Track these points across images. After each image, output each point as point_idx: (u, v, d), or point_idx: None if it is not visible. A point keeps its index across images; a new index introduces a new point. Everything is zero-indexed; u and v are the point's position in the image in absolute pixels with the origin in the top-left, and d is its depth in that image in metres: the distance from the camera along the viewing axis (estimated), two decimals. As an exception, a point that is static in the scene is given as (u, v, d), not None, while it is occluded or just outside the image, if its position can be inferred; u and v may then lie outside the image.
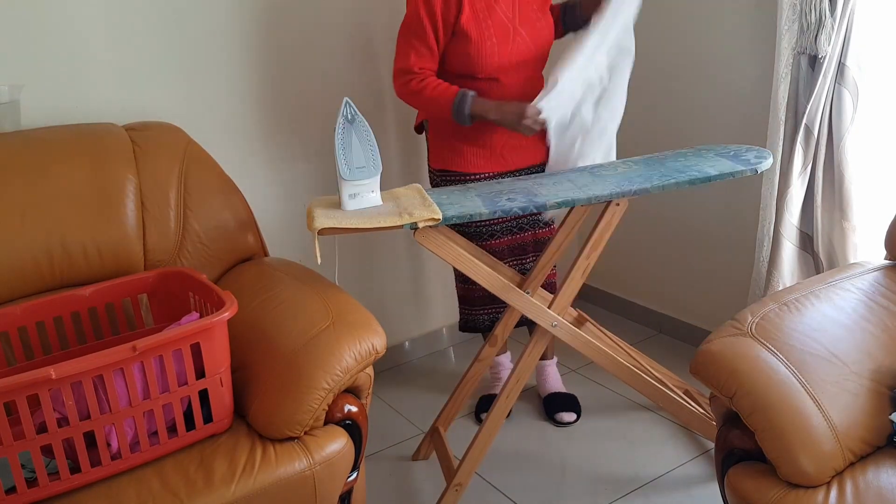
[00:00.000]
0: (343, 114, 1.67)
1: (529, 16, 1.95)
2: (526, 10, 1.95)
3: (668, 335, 2.81)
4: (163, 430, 1.45)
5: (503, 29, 1.92)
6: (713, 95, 2.43)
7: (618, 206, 1.77)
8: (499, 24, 1.92)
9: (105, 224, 1.75)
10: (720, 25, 2.36)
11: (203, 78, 2.12)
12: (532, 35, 1.95)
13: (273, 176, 2.31)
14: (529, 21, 1.95)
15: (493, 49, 1.91)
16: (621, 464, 2.13)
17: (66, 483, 1.36)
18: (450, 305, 2.82)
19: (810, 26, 1.94)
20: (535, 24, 1.96)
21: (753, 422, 1.33)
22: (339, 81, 2.34)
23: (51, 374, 1.26)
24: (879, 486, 1.27)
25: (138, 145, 1.84)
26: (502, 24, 1.92)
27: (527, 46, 1.95)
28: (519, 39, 1.93)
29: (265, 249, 2.00)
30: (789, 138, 2.06)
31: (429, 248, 1.70)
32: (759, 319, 1.46)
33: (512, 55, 1.94)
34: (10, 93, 1.80)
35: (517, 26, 1.93)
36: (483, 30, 1.91)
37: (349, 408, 1.56)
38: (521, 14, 1.94)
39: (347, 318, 1.58)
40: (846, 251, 2.06)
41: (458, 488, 1.89)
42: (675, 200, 2.63)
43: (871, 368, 1.41)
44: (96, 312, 1.69)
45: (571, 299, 1.88)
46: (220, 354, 1.49)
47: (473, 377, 2.13)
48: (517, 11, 1.94)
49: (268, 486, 1.43)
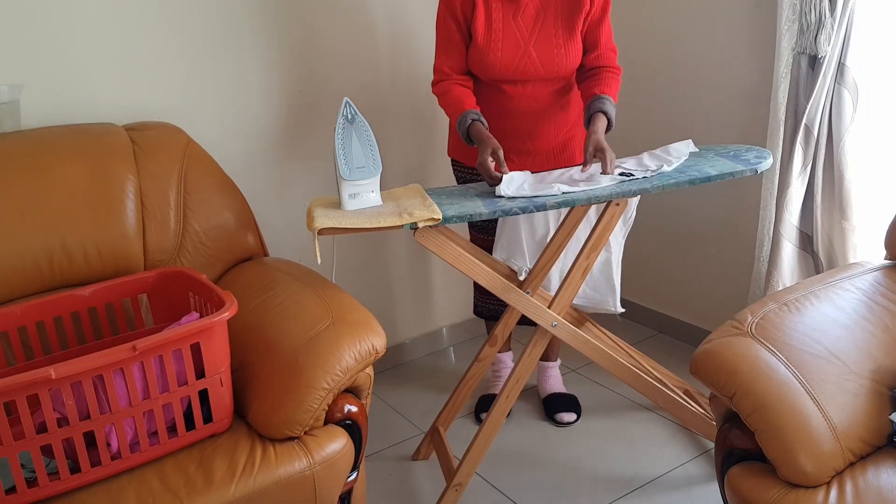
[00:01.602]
0: (343, 114, 1.67)
1: (548, 41, 1.92)
2: (546, 34, 1.92)
3: (668, 335, 2.81)
4: (163, 430, 1.45)
5: (514, 45, 1.91)
6: (713, 95, 2.43)
7: (618, 205, 1.77)
8: (511, 39, 1.91)
9: (105, 224, 1.75)
10: (720, 25, 2.36)
11: (203, 78, 2.12)
12: (543, 59, 1.92)
13: (273, 176, 2.31)
14: (545, 46, 1.92)
15: (496, 62, 1.92)
16: (621, 464, 2.13)
17: (66, 483, 1.36)
18: (450, 305, 2.83)
19: (810, 26, 1.94)
20: (553, 49, 1.92)
21: (753, 422, 1.33)
22: (339, 81, 2.34)
23: (51, 374, 1.26)
24: (879, 486, 1.27)
25: (138, 145, 1.84)
26: (514, 41, 1.91)
27: (535, 68, 1.93)
28: (528, 60, 1.92)
29: (265, 249, 2.00)
30: (789, 138, 2.06)
31: (429, 248, 1.69)
32: (759, 319, 1.46)
33: (517, 72, 1.94)
34: (10, 93, 1.79)
35: (530, 47, 1.91)
36: (492, 41, 1.91)
37: (349, 408, 1.56)
38: (538, 36, 1.92)
39: (347, 318, 1.58)
40: (846, 251, 2.06)
41: (458, 488, 1.89)
42: (675, 200, 2.63)
43: (871, 368, 1.41)
44: (96, 312, 1.69)
45: (571, 299, 1.88)
46: (220, 354, 1.49)
47: (473, 377, 2.13)
48: (535, 33, 1.92)
49: (268, 486, 1.43)
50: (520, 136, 2.03)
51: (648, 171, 1.78)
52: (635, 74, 2.65)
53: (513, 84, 1.97)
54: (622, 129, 2.56)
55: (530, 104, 1.99)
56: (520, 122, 2.01)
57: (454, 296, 2.82)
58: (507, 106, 1.99)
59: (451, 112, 1.96)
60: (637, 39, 2.62)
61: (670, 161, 1.82)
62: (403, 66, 2.45)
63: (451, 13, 1.94)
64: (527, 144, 2.04)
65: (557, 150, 2.07)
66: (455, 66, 1.98)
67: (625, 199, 1.75)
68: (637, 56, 2.62)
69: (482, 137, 1.85)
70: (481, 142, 1.85)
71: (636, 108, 2.67)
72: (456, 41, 1.95)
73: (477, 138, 1.87)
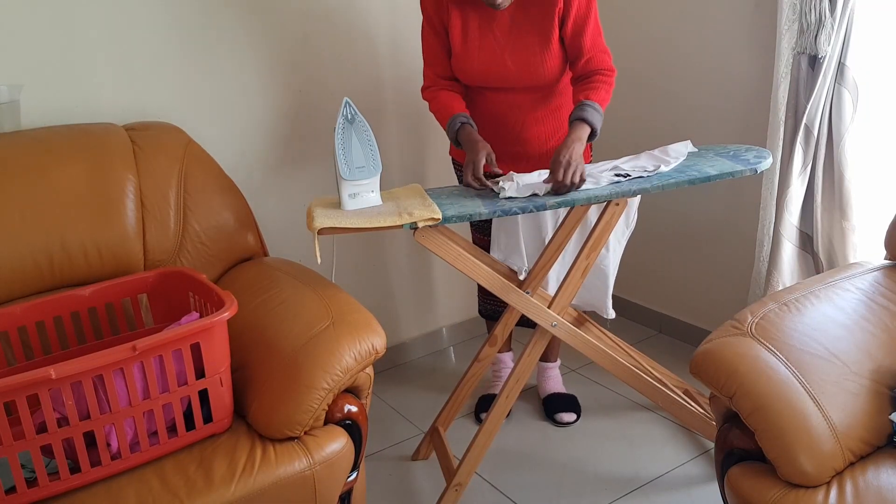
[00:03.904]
0: (343, 114, 1.67)
1: (524, 50, 1.90)
2: (521, 43, 1.90)
3: (668, 335, 2.81)
4: (163, 430, 1.45)
5: (490, 54, 1.92)
6: (713, 95, 2.43)
7: (617, 205, 1.77)
8: (487, 48, 1.91)
9: (105, 224, 1.75)
10: (720, 25, 2.36)
11: (203, 78, 2.12)
12: (519, 67, 1.91)
13: (273, 176, 2.31)
14: (521, 55, 1.91)
15: (471, 67, 1.93)
16: (621, 464, 2.13)
17: (66, 483, 1.36)
18: (450, 305, 2.83)
19: (810, 26, 1.94)
20: (529, 58, 1.90)
21: (753, 422, 1.33)
22: (339, 81, 2.35)
23: (51, 374, 1.26)
24: (879, 486, 1.27)
25: (138, 145, 1.84)
26: (490, 49, 1.91)
27: (512, 76, 1.93)
28: (504, 69, 1.92)
29: (265, 249, 2.00)
30: (789, 138, 2.06)
31: (429, 247, 1.70)
32: (759, 319, 1.46)
33: (496, 80, 1.94)
34: (10, 93, 1.80)
35: (505, 56, 1.91)
36: (467, 49, 1.92)
37: (349, 408, 1.56)
38: (512, 45, 1.90)
39: (347, 318, 1.58)
40: (846, 251, 2.06)
41: (457, 488, 1.89)
42: (675, 200, 2.63)
43: (871, 368, 1.41)
44: (96, 312, 1.69)
45: (571, 299, 1.88)
46: (219, 354, 1.49)
47: (473, 377, 2.13)
48: (510, 43, 1.90)
49: (268, 486, 1.43)
50: (508, 141, 2.02)
51: (645, 172, 1.78)
52: (635, 74, 2.65)
53: (494, 91, 1.98)
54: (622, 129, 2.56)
55: (514, 111, 1.99)
56: (507, 127, 2.01)
57: (454, 296, 2.82)
58: (492, 111, 2.00)
59: (441, 116, 1.96)
60: (637, 40, 2.62)
61: (668, 162, 1.82)
62: (403, 65, 2.45)
63: (429, 22, 1.95)
64: (515, 148, 2.04)
65: (548, 155, 2.06)
66: (440, 73, 1.99)
67: (624, 199, 1.75)
68: (637, 56, 2.62)
69: (472, 139, 1.85)
70: (472, 144, 1.84)
71: (636, 109, 2.67)
72: (436, 49, 1.97)
73: (467, 141, 1.87)
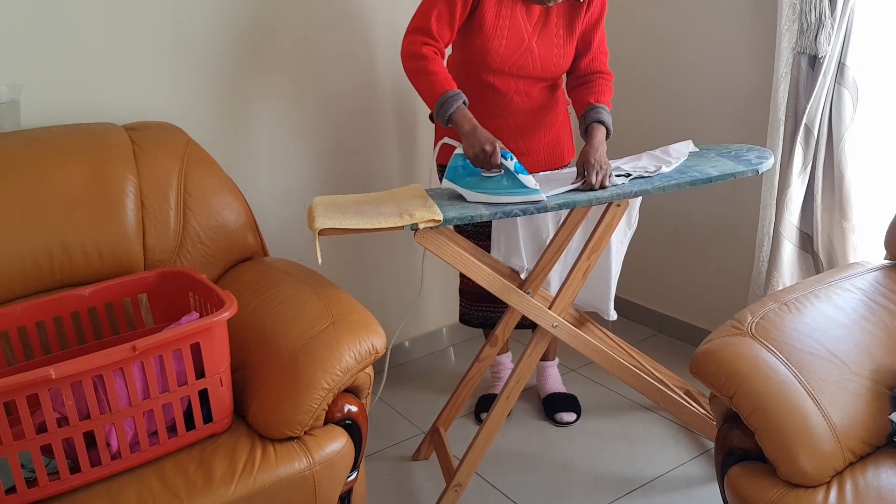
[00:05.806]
0: None
1: (549, 40, 1.91)
2: (548, 33, 1.91)
3: (668, 335, 2.81)
4: (163, 430, 1.45)
5: (518, 37, 1.89)
6: (713, 95, 2.43)
7: (618, 206, 1.77)
8: (516, 32, 1.89)
9: (105, 224, 1.75)
10: (720, 25, 2.36)
11: (203, 78, 2.12)
12: (543, 56, 1.91)
13: (273, 176, 2.31)
14: (547, 44, 1.91)
15: (498, 50, 1.89)
16: (621, 464, 2.13)
17: (66, 483, 1.36)
18: (450, 305, 2.82)
19: (810, 26, 1.94)
20: (553, 49, 1.91)
21: (753, 422, 1.33)
22: (338, 82, 2.34)
23: (51, 373, 1.26)
24: (879, 486, 1.27)
25: (138, 145, 1.84)
26: (518, 34, 1.89)
27: (534, 65, 1.92)
28: (528, 56, 1.90)
29: (265, 249, 2.00)
30: (789, 138, 2.06)
31: (429, 249, 1.69)
32: (759, 319, 1.46)
33: (515, 66, 1.92)
34: (10, 93, 1.79)
35: (532, 43, 1.89)
36: (498, 28, 1.87)
37: (349, 408, 1.56)
38: (541, 33, 1.90)
39: (347, 318, 1.58)
40: (846, 251, 2.06)
41: (458, 488, 1.89)
42: (675, 200, 2.63)
43: (871, 368, 1.41)
44: (96, 312, 1.69)
45: (572, 300, 1.88)
46: (219, 354, 1.49)
47: (473, 377, 2.13)
48: (538, 30, 1.90)
49: (268, 486, 1.43)
50: (512, 136, 2.02)
51: (646, 172, 1.78)
52: (635, 74, 2.65)
53: (506, 79, 1.95)
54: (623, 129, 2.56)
55: (523, 101, 1.98)
56: (512, 121, 2.01)
57: (454, 296, 2.81)
58: (499, 104, 1.98)
59: (434, 83, 1.80)
60: (637, 39, 2.62)
61: (669, 162, 1.82)
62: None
63: None
64: (519, 144, 2.03)
65: (548, 150, 2.07)
66: (444, 37, 1.85)
67: (626, 200, 1.75)
68: (637, 56, 2.62)
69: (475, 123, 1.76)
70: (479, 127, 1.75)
71: (636, 109, 2.67)
72: (456, 15, 1.83)
73: (470, 123, 1.76)
